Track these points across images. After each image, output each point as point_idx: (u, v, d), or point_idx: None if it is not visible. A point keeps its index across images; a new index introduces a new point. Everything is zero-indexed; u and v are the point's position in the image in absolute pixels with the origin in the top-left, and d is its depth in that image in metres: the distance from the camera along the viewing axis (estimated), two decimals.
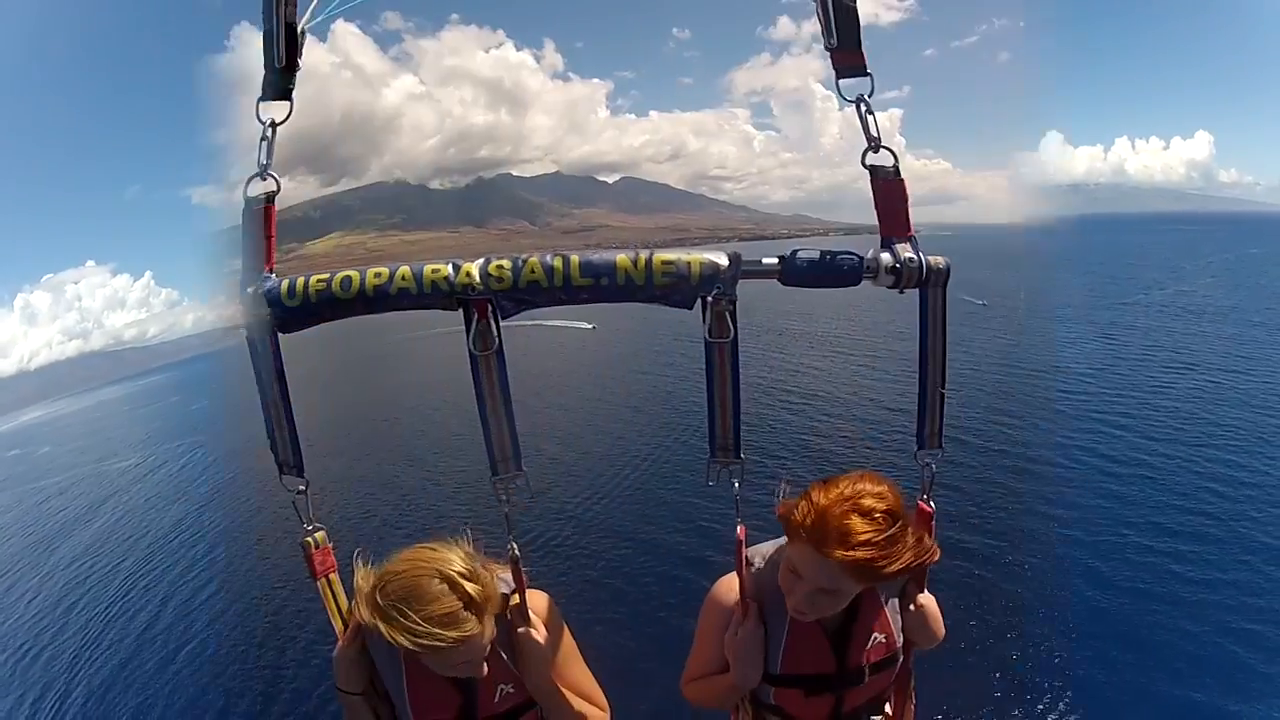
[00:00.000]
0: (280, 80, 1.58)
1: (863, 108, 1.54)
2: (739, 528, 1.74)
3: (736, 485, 1.68)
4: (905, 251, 1.55)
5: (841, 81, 1.55)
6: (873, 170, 1.57)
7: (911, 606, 1.81)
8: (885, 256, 1.54)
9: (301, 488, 1.67)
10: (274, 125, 1.59)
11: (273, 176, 1.59)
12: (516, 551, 1.71)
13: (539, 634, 1.75)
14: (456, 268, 1.48)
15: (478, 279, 1.47)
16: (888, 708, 1.95)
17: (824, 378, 30.44)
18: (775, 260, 1.54)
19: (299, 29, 1.55)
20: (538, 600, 1.82)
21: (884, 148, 1.54)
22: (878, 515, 1.49)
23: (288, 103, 1.60)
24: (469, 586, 1.53)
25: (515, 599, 1.76)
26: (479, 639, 1.55)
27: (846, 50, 1.53)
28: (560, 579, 16.62)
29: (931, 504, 1.74)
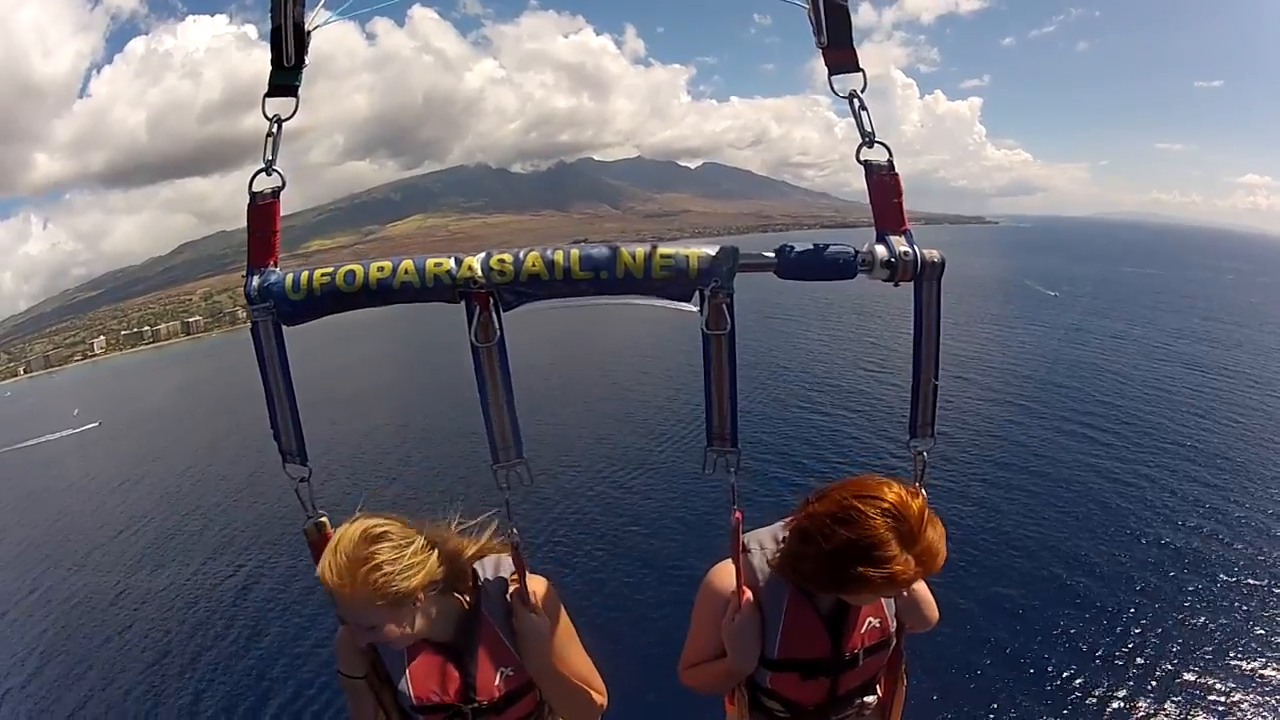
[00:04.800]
0: (287, 78, 1.60)
1: (855, 104, 1.56)
2: (735, 514, 1.73)
3: (733, 473, 1.67)
4: (900, 245, 1.55)
5: (834, 78, 1.57)
6: (867, 165, 1.58)
7: (905, 592, 1.78)
8: (880, 250, 1.55)
9: (304, 476, 1.69)
10: (279, 122, 1.61)
11: (278, 172, 1.62)
12: (516, 537, 1.74)
13: (538, 618, 1.75)
14: (459, 261, 1.52)
15: (480, 273, 1.51)
16: (879, 689, 1.97)
17: (821, 367, 31.52)
18: (771, 254, 1.57)
19: (306, 28, 1.57)
20: (537, 585, 1.81)
21: (878, 143, 1.56)
22: (910, 521, 1.51)
23: (294, 100, 1.62)
24: (360, 549, 1.53)
25: (515, 583, 1.77)
26: (350, 599, 1.52)
27: (838, 48, 1.55)
28: (562, 553, 17.18)
29: (924, 492, 1.70)
